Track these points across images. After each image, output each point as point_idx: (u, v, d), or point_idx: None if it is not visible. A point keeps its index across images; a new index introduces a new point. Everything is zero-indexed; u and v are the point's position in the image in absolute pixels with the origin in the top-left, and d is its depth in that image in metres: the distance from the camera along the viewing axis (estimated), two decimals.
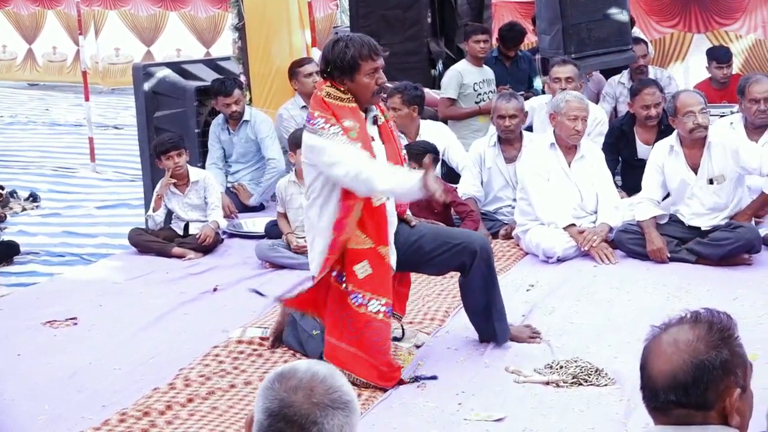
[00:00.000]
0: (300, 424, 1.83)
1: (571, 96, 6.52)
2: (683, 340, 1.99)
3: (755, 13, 10.79)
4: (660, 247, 6.03)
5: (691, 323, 2.02)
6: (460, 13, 9.22)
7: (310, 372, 1.89)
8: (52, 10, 18.60)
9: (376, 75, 4.40)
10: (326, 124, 4.31)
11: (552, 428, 3.91)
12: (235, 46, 8.80)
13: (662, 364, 1.99)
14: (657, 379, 1.99)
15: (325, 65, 4.44)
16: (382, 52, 4.45)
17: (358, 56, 4.35)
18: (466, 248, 4.60)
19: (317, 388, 1.86)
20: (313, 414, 1.83)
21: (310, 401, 1.84)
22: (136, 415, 4.14)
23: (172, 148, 6.90)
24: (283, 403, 1.85)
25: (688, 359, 1.97)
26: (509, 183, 6.95)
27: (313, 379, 1.88)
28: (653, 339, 2.04)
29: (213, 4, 17.33)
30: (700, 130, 6.00)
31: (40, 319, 5.54)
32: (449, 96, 8.33)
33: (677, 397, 1.97)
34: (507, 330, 4.80)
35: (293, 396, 1.85)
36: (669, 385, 1.98)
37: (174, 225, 7.07)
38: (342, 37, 4.45)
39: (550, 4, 7.78)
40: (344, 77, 4.38)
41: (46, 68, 18.83)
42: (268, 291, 5.88)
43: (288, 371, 1.90)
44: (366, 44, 4.39)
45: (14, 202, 9.25)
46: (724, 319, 2.03)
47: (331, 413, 1.84)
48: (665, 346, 2.00)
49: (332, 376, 1.90)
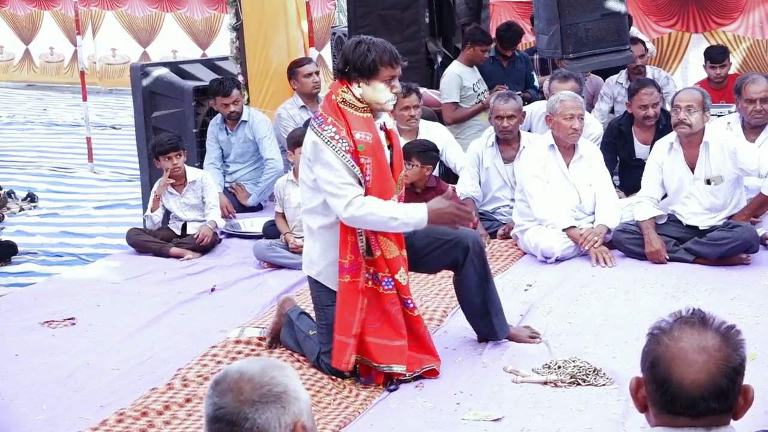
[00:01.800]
0: (232, 422, 1.91)
1: (565, 96, 6.53)
2: (711, 346, 1.97)
3: (753, 14, 10.80)
4: (658, 249, 6.03)
5: (701, 327, 2.00)
6: (458, 12, 9.21)
7: (238, 373, 1.97)
8: (48, 10, 18.59)
9: (393, 83, 4.42)
10: (336, 135, 4.31)
11: (550, 428, 3.91)
12: (233, 46, 8.80)
13: (695, 373, 1.96)
14: (692, 389, 1.96)
15: (343, 65, 4.43)
16: (402, 61, 4.47)
17: (378, 61, 4.36)
18: (458, 244, 4.62)
19: (245, 387, 1.94)
20: (242, 411, 1.91)
21: (238, 400, 1.93)
22: (134, 415, 4.14)
23: (171, 149, 6.89)
24: (216, 406, 1.94)
25: (724, 365, 1.95)
26: (507, 183, 6.95)
27: (241, 379, 1.95)
28: (668, 346, 2.00)
29: (209, 5, 17.33)
30: (682, 126, 6.01)
31: (38, 319, 5.54)
32: (453, 100, 8.33)
33: (718, 404, 1.96)
34: (505, 324, 4.81)
35: (224, 399, 1.94)
36: (710, 393, 1.95)
37: (172, 225, 7.07)
38: (365, 40, 4.45)
39: (547, 3, 7.77)
40: (361, 79, 4.38)
41: (43, 69, 18.82)
42: (267, 291, 5.89)
43: (220, 376, 2.00)
44: (388, 51, 4.41)
45: (12, 202, 9.25)
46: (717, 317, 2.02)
47: (261, 407, 1.92)
48: (693, 354, 1.97)
49: (262, 372, 1.97)
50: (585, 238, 6.20)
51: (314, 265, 4.57)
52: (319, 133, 4.35)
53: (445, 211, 4.41)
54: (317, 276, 4.55)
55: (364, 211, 4.30)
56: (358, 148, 4.32)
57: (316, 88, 8.09)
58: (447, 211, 4.41)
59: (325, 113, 4.40)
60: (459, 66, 8.44)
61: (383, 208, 4.32)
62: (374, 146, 4.37)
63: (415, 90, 7.10)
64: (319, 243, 4.51)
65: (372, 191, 4.37)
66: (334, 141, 4.31)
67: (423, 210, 4.37)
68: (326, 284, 4.52)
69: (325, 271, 4.52)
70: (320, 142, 4.34)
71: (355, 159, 4.32)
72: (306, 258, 4.64)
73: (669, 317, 2.05)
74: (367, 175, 4.35)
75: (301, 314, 4.87)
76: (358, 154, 4.32)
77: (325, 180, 4.35)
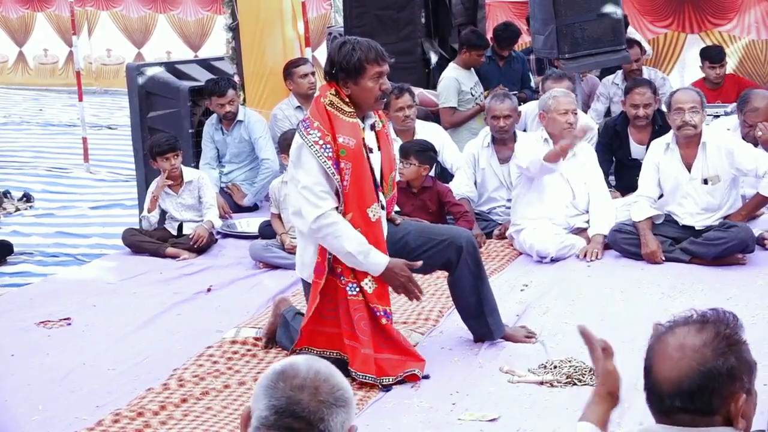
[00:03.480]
0: (308, 420, 1.89)
1: (558, 92, 6.54)
2: (690, 345, 1.97)
3: (748, 14, 10.81)
4: (654, 251, 6.04)
5: (698, 326, 2.00)
6: (455, 13, 9.21)
7: (312, 370, 1.94)
8: (42, 12, 18.52)
9: (380, 80, 4.41)
10: (321, 140, 4.31)
11: (546, 428, 3.91)
12: (229, 46, 8.79)
13: (668, 369, 1.98)
14: (662, 384, 1.98)
15: (330, 66, 4.43)
16: (389, 58, 4.46)
17: (364, 59, 4.35)
18: (451, 244, 4.62)
19: (322, 387, 1.92)
20: (320, 411, 1.89)
21: (316, 399, 1.90)
22: (130, 415, 4.14)
23: (169, 150, 6.88)
24: (291, 400, 1.90)
25: (695, 366, 1.95)
26: (503, 183, 6.96)
27: (317, 378, 1.93)
28: (659, 340, 2.02)
29: (203, 6, 17.31)
30: (687, 128, 6.01)
31: (34, 319, 5.54)
32: (450, 105, 8.31)
33: (682, 403, 1.96)
34: (501, 324, 4.82)
35: (300, 394, 1.90)
36: (675, 391, 1.97)
37: (168, 225, 7.06)
38: (349, 40, 4.46)
39: (543, 4, 7.78)
40: (348, 80, 4.38)
41: (38, 71, 18.76)
42: (263, 291, 5.89)
43: (290, 369, 1.95)
44: (373, 49, 4.40)
45: (8, 203, 9.23)
46: (731, 322, 2.01)
47: (335, 411, 1.91)
48: (671, 350, 1.98)
49: (333, 375, 1.96)
50: (588, 253, 6.16)
51: (306, 268, 4.57)
52: (304, 137, 4.36)
53: (399, 277, 4.42)
54: (309, 278, 4.55)
55: (331, 230, 4.33)
56: (339, 152, 4.33)
57: (311, 89, 8.07)
58: (400, 279, 4.42)
59: (313, 117, 4.40)
60: (456, 70, 8.43)
61: (347, 240, 4.33)
62: (356, 153, 4.35)
63: (408, 90, 7.09)
64: (311, 246, 4.51)
65: (349, 197, 4.36)
66: (317, 146, 4.31)
67: (382, 264, 4.38)
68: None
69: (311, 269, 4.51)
70: (304, 146, 4.35)
71: (335, 164, 4.32)
72: (298, 260, 4.65)
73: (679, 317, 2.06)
74: (345, 179, 4.34)
75: (297, 314, 4.86)
76: (339, 158, 4.32)
77: (303, 184, 4.36)
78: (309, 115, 4.45)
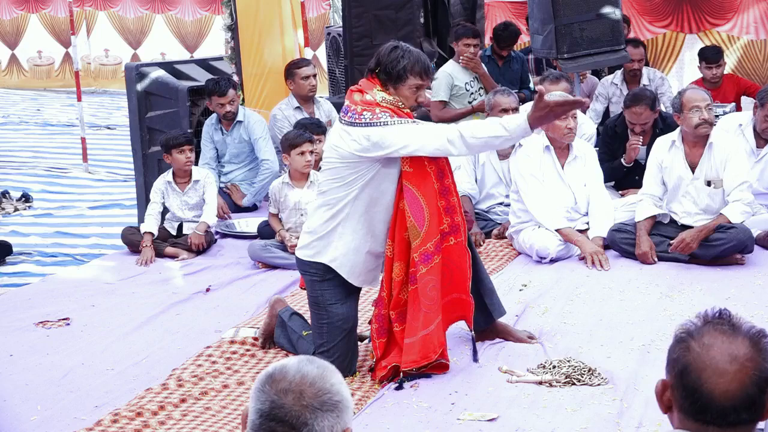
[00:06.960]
0: (291, 424, 1.90)
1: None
2: (743, 355, 1.95)
3: (747, 14, 10.82)
4: (646, 252, 6.03)
5: (732, 331, 1.99)
6: (453, 13, 9.22)
7: (299, 374, 1.95)
8: (35, 14, 18.47)
9: (418, 92, 4.46)
10: (381, 113, 4.31)
11: (545, 428, 3.91)
12: (228, 46, 8.79)
13: (728, 383, 1.94)
14: (723, 399, 1.95)
15: (375, 65, 4.47)
16: (432, 74, 4.47)
17: (409, 69, 4.40)
18: None
19: (307, 391, 1.92)
20: (303, 416, 1.90)
21: (300, 404, 1.91)
22: (128, 415, 4.14)
23: (185, 143, 6.92)
24: (274, 404, 1.92)
25: (756, 375, 1.94)
26: (502, 180, 6.96)
27: (303, 381, 1.94)
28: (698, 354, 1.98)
29: (201, 6, 17.31)
30: (705, 126, 5.98)
31: (33, 319, 5.54)
32: (441, 99, 8.30)
33: (749, 414, 1.95)
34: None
35: (284, 398, 1.91)
36: (742, 404, 1.95)
37: (167, 224, 7.05)
38: (401, 46, 4.48)
39: (542, 3, 7.77)
40: (389, 83, 4.43)
41: (33, 72, 18.73)
42: (262, 291, 5.88)
43: (278, 373, 1.96)
44: (421, 62, 4.44)
45: (7, 203, 9.24)
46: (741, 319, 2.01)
47: (321, 415, 1.91)
48: (725, 364, 1.95)
49: (322, 377, 1.96)
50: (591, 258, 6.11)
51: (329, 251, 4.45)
52: (359, 124, 4.31)
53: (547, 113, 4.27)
54: (331, 262, 4.46)
55: (467, 133, 4.26)
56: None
57: (312, 91, 8.07)
58: (549, 114, 4.29)
59: (362, 108, 4.36)
60: (452, 65, 8.41)
61: (482, 130, 4.27)
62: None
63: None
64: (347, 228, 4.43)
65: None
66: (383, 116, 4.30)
67: (523, 123, 4.24)
68: (340, 272, 4.47)
69: (341, 258, 4.46)
70: (373, 128, 4.30)
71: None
72: (319, 243, 4.47)
73: (697, 320, 2.03)
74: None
75: (293, 315, 4.87)
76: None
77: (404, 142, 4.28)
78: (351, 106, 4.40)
